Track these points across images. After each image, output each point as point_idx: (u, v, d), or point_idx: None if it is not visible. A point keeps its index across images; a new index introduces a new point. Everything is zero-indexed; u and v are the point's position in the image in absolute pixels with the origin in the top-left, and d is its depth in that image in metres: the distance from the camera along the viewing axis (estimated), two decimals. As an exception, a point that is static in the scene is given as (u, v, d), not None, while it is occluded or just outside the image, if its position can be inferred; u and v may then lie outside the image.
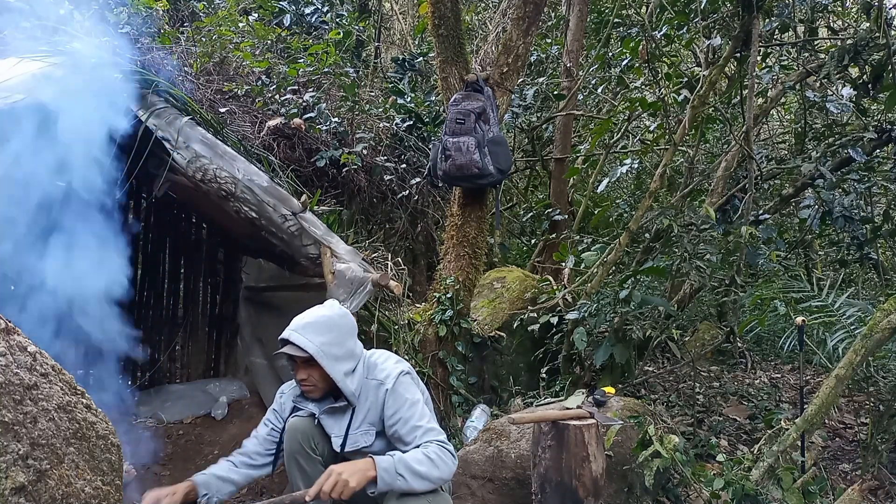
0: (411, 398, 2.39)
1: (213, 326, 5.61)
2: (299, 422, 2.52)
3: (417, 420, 2.35)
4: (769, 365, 5.76)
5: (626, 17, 6.07)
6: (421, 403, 2.41)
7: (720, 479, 2.97)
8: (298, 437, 2.48)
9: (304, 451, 2.47)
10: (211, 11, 6.16)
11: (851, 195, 4.24)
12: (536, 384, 4.31)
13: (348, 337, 2.45)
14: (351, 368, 2.41)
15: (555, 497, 2.63)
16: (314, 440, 2.48)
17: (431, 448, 2.27)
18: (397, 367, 2.47)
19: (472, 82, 3.94)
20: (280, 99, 4.87)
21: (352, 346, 2.45)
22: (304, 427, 2.50)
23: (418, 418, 2.35)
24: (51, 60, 3.20)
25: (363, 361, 2.49)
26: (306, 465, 2.47)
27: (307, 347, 2.33)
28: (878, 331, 3.17)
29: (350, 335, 2.47)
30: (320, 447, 2.49)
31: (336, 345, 2.38)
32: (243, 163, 3.52)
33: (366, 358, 2.52)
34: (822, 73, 4.22)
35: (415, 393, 2.43)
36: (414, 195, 5.44)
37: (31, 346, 1.81)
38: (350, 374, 2.41)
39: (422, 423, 2.35)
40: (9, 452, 1.61)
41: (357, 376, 2.43)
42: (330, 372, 2.35)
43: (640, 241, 4.69)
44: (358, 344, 2.51)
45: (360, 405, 2.44)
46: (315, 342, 2.34)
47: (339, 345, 2.39)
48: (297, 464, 2.48)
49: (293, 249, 3.78)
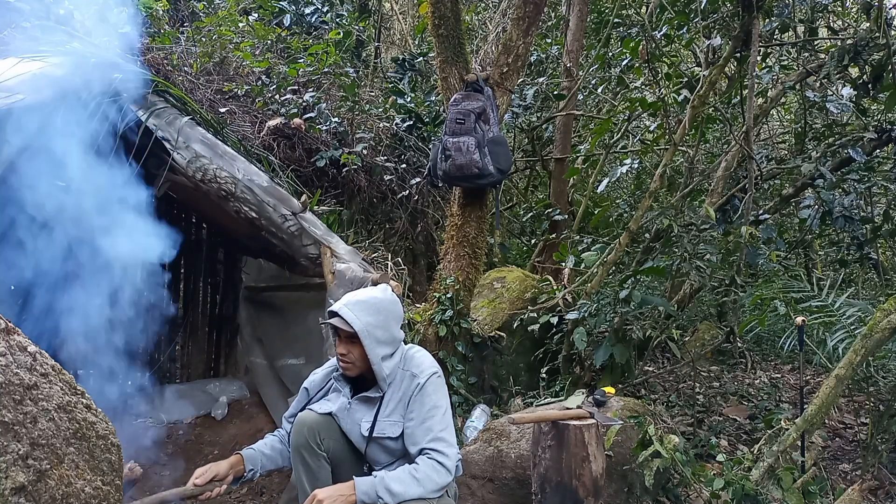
0: (436, 401, 2.40)
1: (213, 326, 5.61)
2: (307, 416, 2.53)
3: (433, 425, 2.35)
4: (769, 365, 5.76)
5: (626, 17, 6.07)
6: (443, 410, 2.40)
7: (720, 479, 2.97)
8: (304, 431, 2.48)
9: (309, 445, 2.47)
10: (211, 11, 6.16)
11: (851, 195, 4.23)
12: (536, 384, 4.31)
13: (394, 323, 2.47)
14: (389, 353, 2.43)
15: (555, 497, 2.63)
16: (320, 435, 2.48)
17: (422, 464, 2.27)
18: (433, 366, 2.50)
19: (472, 82, 3.94)
20: (280, 99, 4.87)
21: (395, 333, 2.46)
22: (311, 421, 2.51)
23: (435, 423, 2.36)
24: (51, 60, 3.20)
25: (402, 351, 2.52)
26: (310, 460, 2.48)
27: (354, 323, 2.35)
28: (878, 331, 3.17)
29: (396, 322, 2.48)
30: (326, 443, 2.49)
31: (381, 328, 2.39)
32: (243, 163, 3.52)
33: (405, 348, 2.55)
34: (822, 73, 4.22)
35: (441, 398, 2.43)
36: (414, 195, 5.44)
37: (31, 346, 1.81)
38: (387, 358, 2.43)
39: (434, 429, 2.35)
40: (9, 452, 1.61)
41: (393, 363, 2.45)
42: (369, 353, 2.37)
43: (640, 241, 4.69)
44: (401, 333, 2.52)
45: (391, 392, 2.45)
46: (362, 320, 2.36)
47: (384, 328, 2.41)
48: (302, 458, 2.48)
49: (293, 249, 3.78)
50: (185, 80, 4.06)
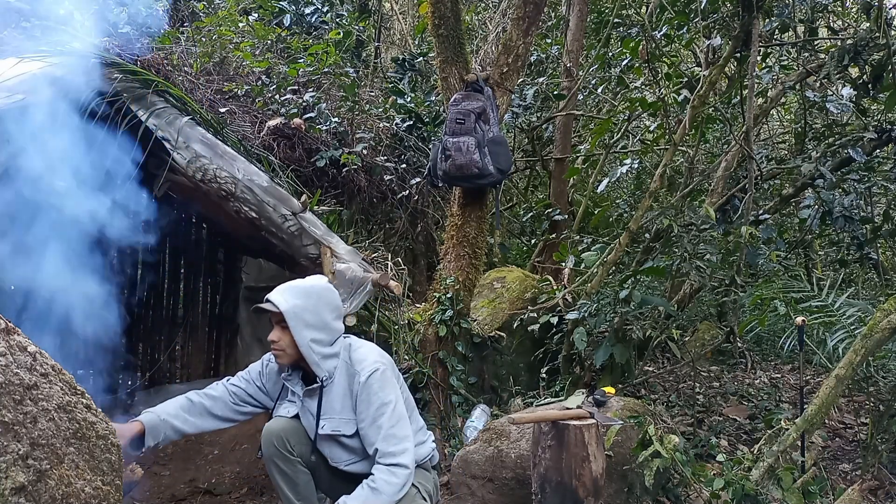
0: (383, 398, 2.34)
1: (213, 326, 5.61)
2: (274, 423, 2.51)
3: (383, 422, 2.32)
4: (769, 365, 5.76)
5: (626, 17, 6.07)
6: (392, 405, 2.35)
7: (720, 479, 2.96)
8: (273, 440, 2.46)
9: (280, 453, 2.45)
10: (211, 11, 6.16)
11: (851, 195, 4.23)
12: (536, 384, 4.31)
13: (326, 310, 2.43)
14: (322, 339, 2.40)
15: (555, 497, 2.63)
16: (290, 441, 2.46)
17: (377, 473, 2.26)
18: (376, 362, 2.42)
19: (472, 82, 3.95)
20: (280, 99, 4.87)
21: (327, 320, 2.42)
22: (278, 429, 2.48)
23: (385, 421, 2.32)
24: (51, 60, 3.20)
25: (346, 346, 2.49)
26: (286, 467, 2.46)
27: (279, 304, 2.35)
28: (878, 331, 3.17)
29: (329, 309, 2.44)
30: (298, 448, 2.47)
31: (310, 311, 2.38)
32: (243, 163, 3.52)
33: (350, 344, 2.51)
34: (822, 73, 4.22)
35: (388, 393, 2.36)
36: (414, 195, 5.44)
37: (31, 346, 1.80)
38: (319, 344, 2.39)
39: (384, 426, 2.31)
40: (9, 452, 1.61)
41: (328, 351, 2.41)
42: (296, 335, 2.35)
43: (640, 241, 4.69)
44: (337, 322, 2.48)
45: (334, 385, 2.42)
46: (289, 302, 2.36)
47: (313, 312, 2.38)
48: (277, 467, 2.47)
49: (293, 249, 3.78)
50: (185, 80, 4.06)
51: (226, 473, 3.98)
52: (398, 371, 2.58)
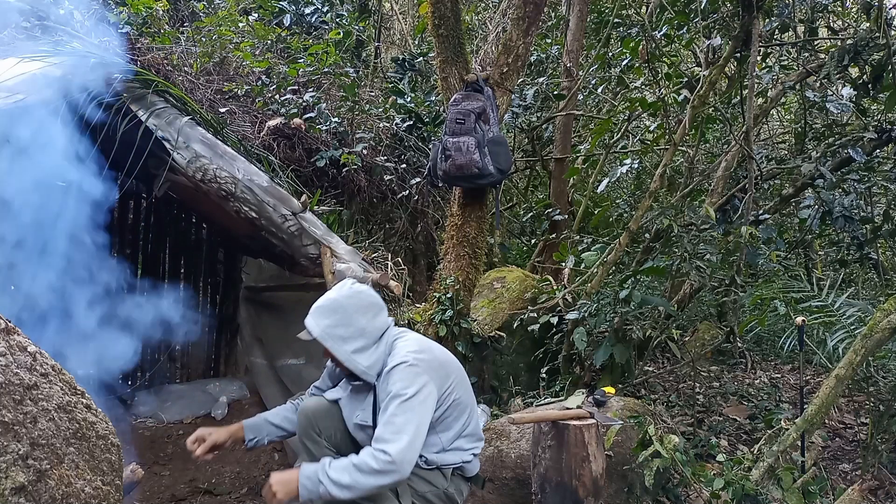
0: (398, 389, 2.29)
1: (213, 326, 5.61)
2: (309, 403, 2.59)
3: (389, 409, 2.26)
4: (769, 365, 5.76)
5: (626, 17, 6.07)
6: (406, 398, 2.26)
7: (720, 479, 2.96)
8: (303, 420, 2.55)
9: (308, 433, 2.53)
10: (211, 11, 6.16)
11: (851, 195, 4.23)
12: (536, 384, 4.31)
13: (358, 315, 2.40)
14: (364, 345, 2.39)
15: (555, 497, 2.63)
16: (319, 424, 2.52)
17: (364, 452, 2.21)
18: (406, 355, 2.37)
19: (472, 82, 3.94)
20: (280, 99, 4.87)
21: (363, 324, 2.40)
22: (310, 411, 2.56)
23: (392, 408, 2.26)
24: (51, 60, 3.20)
25: (392, 341, 2.46)
26: (312, 447, 2.52)
27: (312, 330, 2.39)
28: (878, 331, 3.17)
29: (360, 312, 2.41)
30: (327, 430, 2.52)
31: (342, 325, 2.38)
32: (243, 163, 3.52)
33: (392, 337, 2.48)
34: (822, 73, 4.22)
35: (406, 385, 2.29)
36: (414, 195, 5.44)
37: (31, 346, 1.81)
38: (360, 351, 2.38)
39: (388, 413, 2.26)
40: (9, 452, 1.61)
41: (373, 354, 2.40)
42: (335, 352, 2.38)
43: (640, 241, 4.69)
44: (377, 320, 2.45)
45: (382, 382, 2.39)
46: (320, 325, 2.39)
47: (346, 325, 2.38)
48: (305, 446, 2.55)
49: (293, 249, 3.78)
50: (185, 80, 4.06)
51: (226, 473, 3.98)
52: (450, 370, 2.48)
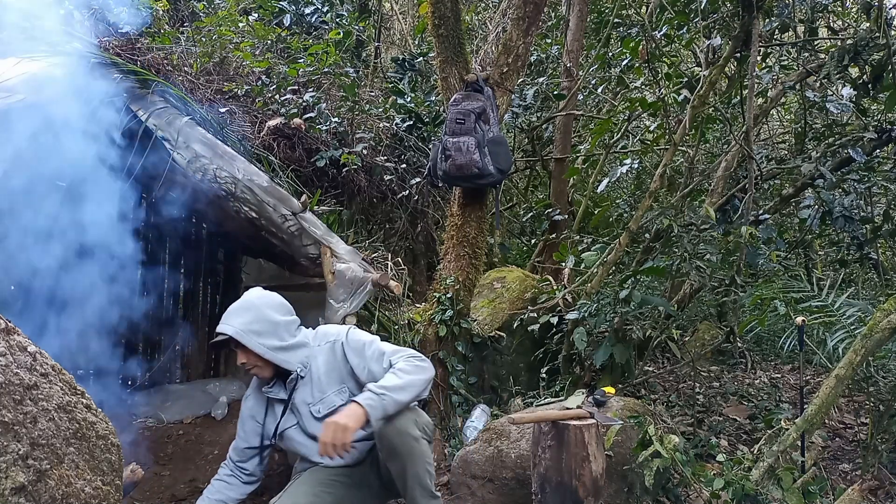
0: (366, 339, 2.55)
1: (213, 326, 5.60)
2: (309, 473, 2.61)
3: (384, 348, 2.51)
4: (769, 365, 5.76)
5: (626, 17, 6.07)
6: (378, 340, 2.55)
7: (720, 479, 2.96)
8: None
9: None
10: (211, 11, 6.16)
11: (851, 195, 4.23)
12: (536, 384, 4.31)
13: (271, 312, 2.53)
14: (282, 338, 2.50)
15: (555, 497, 2.63)
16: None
17: (398, 365, 2.39)
18: (342, 326, 2.68)
19: (472, 82, 3.94)
20: (280, 99, 4.87)
21: (276, 320, 2.52)
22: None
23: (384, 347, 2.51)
24: (51, 60, 3.20)
25: (312, 333, 2.64)
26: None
27: (226, 330, 2.45)
28: (878, 331, 3.16)
29: (273, 310, 2.54)
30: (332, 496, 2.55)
31: (256, 321, 2.47)
32: (243, 163, 3.52)
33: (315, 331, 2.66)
34: (822, 73, 4.21)
35: (367, 335, 2.58)
36: (414, 195, 5.45)
37: (31, 346, 1.81)
38: (281, 347, 2.49)
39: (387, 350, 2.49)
40: (9, 452, 1.61)
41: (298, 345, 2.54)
42: (255, 348, 2.44)
43: (640, 241, 4.68)
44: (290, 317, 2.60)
45: (312, 372, 2.55)
46: (234, 324, 2.46)
47: (260, 321, 2.48)
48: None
49: (293, 249, 3.78)
50: (185, 80, 4.06)
51: (226, 473, 3.97)
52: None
